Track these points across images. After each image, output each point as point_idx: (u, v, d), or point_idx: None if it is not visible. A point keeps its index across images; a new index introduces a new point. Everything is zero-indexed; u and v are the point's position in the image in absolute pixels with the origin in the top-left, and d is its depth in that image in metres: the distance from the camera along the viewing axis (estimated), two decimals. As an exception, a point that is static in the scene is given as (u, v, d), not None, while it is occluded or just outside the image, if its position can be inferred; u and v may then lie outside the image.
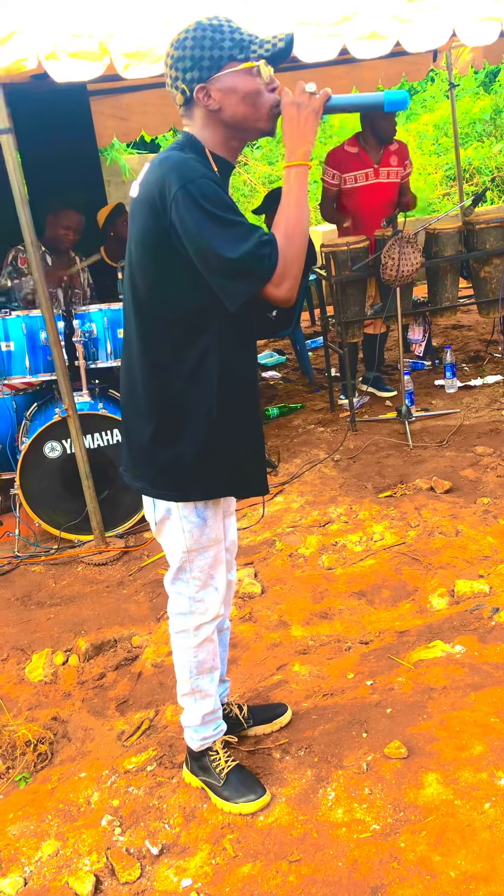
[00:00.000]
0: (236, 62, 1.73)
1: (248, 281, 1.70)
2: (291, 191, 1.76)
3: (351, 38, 3.47)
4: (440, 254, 4.81)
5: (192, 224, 1.66)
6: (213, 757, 2.14)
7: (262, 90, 1.76)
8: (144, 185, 1.76)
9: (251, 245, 1.66)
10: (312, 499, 3.96)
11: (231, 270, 1.68)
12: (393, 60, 6.20)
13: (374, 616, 2.94)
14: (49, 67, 3.14)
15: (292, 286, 1.72)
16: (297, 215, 1.75)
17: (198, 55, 1.72)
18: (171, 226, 1.68)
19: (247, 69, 1.74)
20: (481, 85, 12.75)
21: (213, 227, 1.66)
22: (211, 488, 1.93)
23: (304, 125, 1.76)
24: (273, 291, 1.71)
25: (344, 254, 4.62)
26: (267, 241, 1.69)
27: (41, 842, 2.10)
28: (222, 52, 1.72)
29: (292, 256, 1.72)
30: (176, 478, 1.91)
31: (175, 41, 1.76)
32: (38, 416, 4.04)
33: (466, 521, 3.47)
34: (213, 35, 1.72)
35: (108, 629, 3.10)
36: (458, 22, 3.60)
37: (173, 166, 1.69)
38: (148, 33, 3.19)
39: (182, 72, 1.74)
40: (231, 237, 1.66)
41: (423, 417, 4.82)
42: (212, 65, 1.72)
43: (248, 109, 1.76)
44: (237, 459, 1.94)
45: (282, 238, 1.72)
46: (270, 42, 1.76)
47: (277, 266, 1.70)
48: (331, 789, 2.08)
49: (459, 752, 2.11)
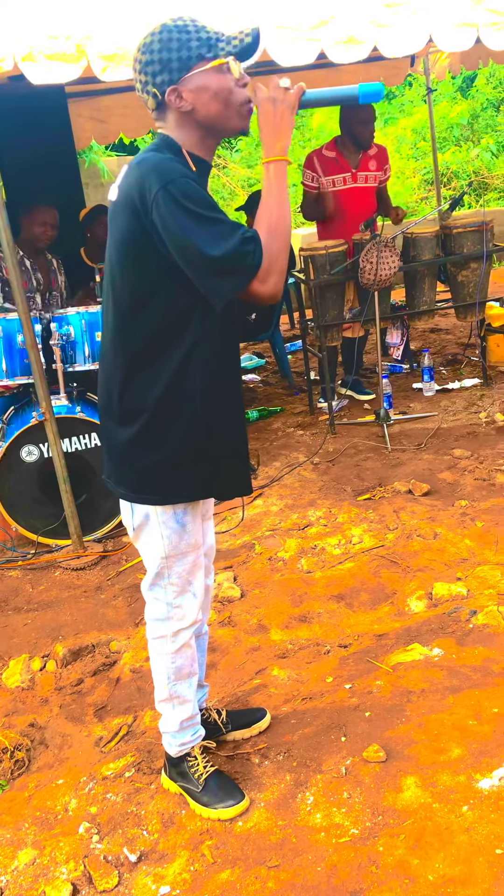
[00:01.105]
0: (205, 61, 1.72)
1: (233, 278, 1.69)
2: (272, 186, 1.76)
3: (329, 43, 3.48)
4: (418, 258, 4.83)
5: (174, 224, 1.64)
6: (191, 762, 2.13)
7: (232, 87, 1.76)
8: (123, 188, 1.75)
9: (235, 242, 1.65)
10: (292, 502, 3.96)
11: (216, 268, 1.67)
12: (371, 65, 6.23)
13: (353, 619, 2.95)
14: (26, 69, 3.12)
15: (278, 282, 1.72)
16: (278, 211, 1.74)
17: (165, 57, 1.71)
18: (153, 226, 1.67)
19: (216, 67, 1.73)
20: (458, 90, 12.85)
21: (196, 225, 1.65)
22: (194, 490, 1.92)
23: (281, 120, 1.76)
24: (259, 288, 1.70)
25: (322, 257, 4.63)
26: (250, 237, 1.68)
27: (17, 850, 2.08)
28: (190, 52, 1.71)
29: (276, 251, 1.71)
30: (157, 481, 1.89)
31: (141, 45, 1.75)
32: (14, 419, 4.01)
33: (444, 524, 3.49)
34: (179, 36, 1.71)
35: (86, 634, 3.08)
36: (435, 28, 3.62)
37: (153, 167, 1.68)
38: (125, 35, 3.18)
39: (151, 76, 1.73)
40: (214, 235, 1.65)
41: (401, 420, 4.84)
42: (181, 66, 1.72)
43: (221, 107, 1.76)
44: (221, 460, 1.93)
45: (265, 234, 1.71)
46: (237, 38, 1.75)
47: (262, 262, 1.69)
48: (310, 794, 2.08)
49: (438, 755, 2.11)
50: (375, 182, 5.02)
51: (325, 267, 4.64)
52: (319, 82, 6.35)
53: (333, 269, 4.61)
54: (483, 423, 4.63)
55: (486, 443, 4.35)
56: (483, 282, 4.91)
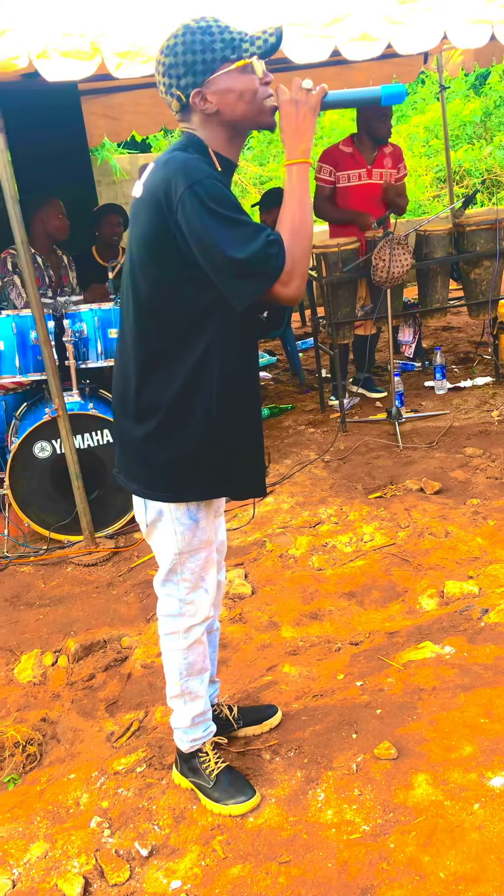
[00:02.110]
0: (229, 62, 1.72)
1: (256, 281, 1.69)
2: (294, 189, 1.76)
3: (343, 40, 3.47)
4: (430, 255, 4.82)
5: (199, 225, 1.65)
6: (202, 758, 2.14)
7: (257, 86, 1.75)
8: (149, 185, 1.75)
9: (259, 245, 1.66)
10: (303, 499, 3.96)
11: (239, 271, 1.67)
12: (384, 62, 6.21)
13: (364, 617, 2.95)
14: (40, 66, 3.13)
15: (300, 284, 1.72)
16: (301, 213, 1.74)
17: (190, 60, 1.71)
18: (177, 226, 1.67)
19: (240, 67, 1.73)
20: (472, 87, 12.80)
21: (221, 227, 1.65)
22: (207, 489, 1.92)
23: (303, 122, 1.76)
24: (281, 290, 1.71)
25: (335, 255, 4.63)
26: (274, 240, 1.68)
27: (30, 843, 2.09)
28: (214, 55, 1.71)
29: (299, 254, 1.71)
30: (171, 478, 1.90)
31: (165, 48, 1.74)
32: (27, 415, 4.03)
33: (456, 523, 3.48)
34: (202, 38, 1.71)
35: (98, 630, 3.10)
36: (450, 24, 3.61)
37: (179, 167, 1.68)
38: (140, 33, 3.18)
39: (176, 78, 1.73)
40: (239, 237, 1.65)
41: (413, 419, 4.83)
42: (205, 68, 1.71)
43: (247, 107, 1.75)
44: (236, 460, 1.93)
45: (288, 237, 1.71)
46: (261, 38, 1.74)
47: (285, 265, 1.69)
48: (320, 790, 2.08)
49: (449, 753, 2.11)
50: (390, 179, 5.01)
51: (337, 264, 4.63)
52: (330, 79, 6.35)
53: (346, 267, 4.61)
54: (495, 422, 4.62)
55: (498, 441, 4.34)
56: (496, 280, 4.90)
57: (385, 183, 4.98)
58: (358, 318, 4.90)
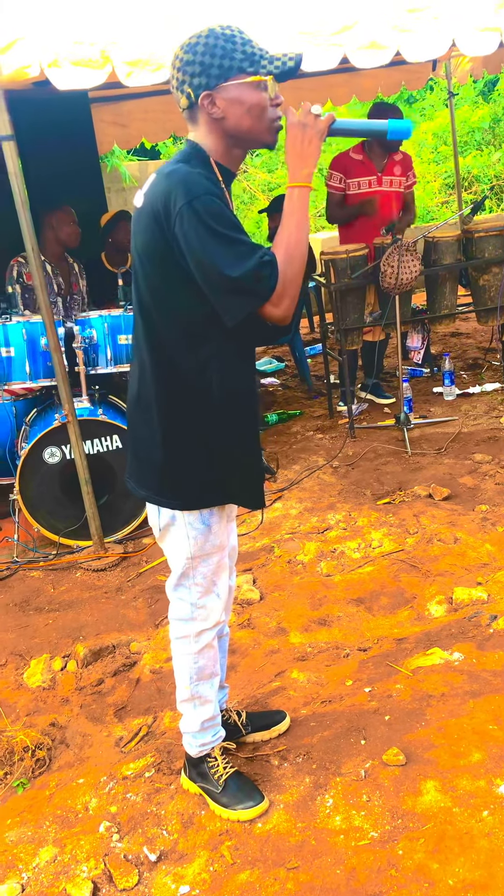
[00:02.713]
0: (245, 74, 1.74)
1: (247, 299, 1.72)
2: (294, 212, 1.78)
3: (351, 48, 3.49)
4: (439, 262, 4.83)
5: (196, 240, 1.67)
6: (211, 763, 2.14)
7: (267, 105, 1.77)
8: (149, 196, 1.77)
9: (253, 264, 1.68)
10: (311, 505, 3.96)
11: (231, 288, 1.70)
12: (392, 69, 6.23)
13: (373, 623, 2.94)
14: (51, 75, 3.15)
15: (290, 306, 1.75)
16: (297, 237, 1.76)
17: (207, 62, 1.73)
18: (174, 239, 1.70)
19: (254, 82, 1.75)
20: (480, 94, 12.81)
21: (216, 244, 1.67)
22: (215, 497, 1.94)
23: (308, 146, 1.78)
24: (271, 311, 1.74)
25: (343, 261, 4.64)
26: (268, 261, 1.71)
27: (39, 848, 2.10)
28: (232, 63, 1.73)
29: (291, 277, 1.74)
30: (181, 486, 1.92)
31: (186, 44, 1.76)
32: (37, 421, 4.05)
33: (465, 529, 3.48)
34: (224, 44, 1.73)
35: (107, 635, 3.10)
36: (458, 32, 3.62)
37: (180, 180, 1.70)
38: (150, 41, 3.21)
39: (189, 76, 1.75)
40: (233, 255, 1.68)
41: (421, 425, 4.83)
42: (220, 73, 1.73)
43: (252, 122, 1.78)
44: (235, 471, 1.95)
45: (282, 258, 1.74)
46: (281, 60, 1.76)
47: (277, 286, 1.71)
48: (329, 796, 2.08)
49: (457, 760, 2.11)
50: (400, 187, 5.03)
51: (346, 271, 4.64)
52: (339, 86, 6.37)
53: (354, 273, 4.61)
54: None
55: (507, 447, 4.33)
56: (504, 286, 4.89)
57: (405, 190, 5.00)
58: (366, 325, 4.91)
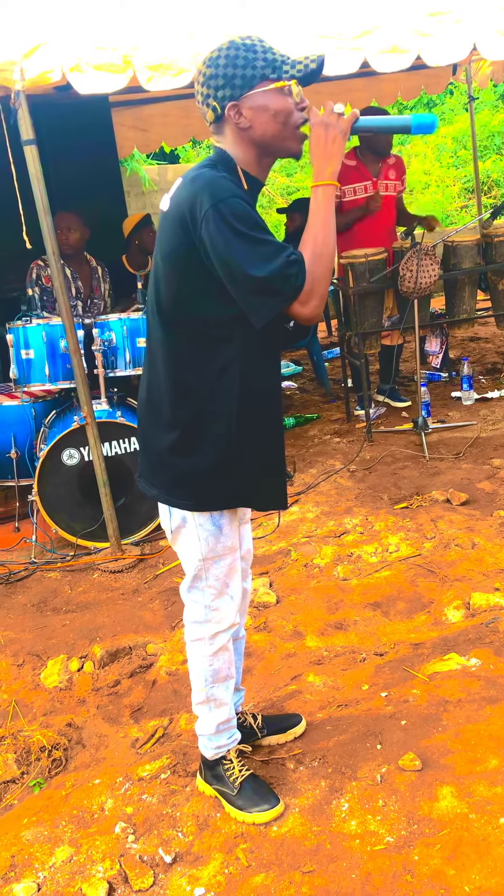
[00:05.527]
0: (268, 81, 1.75)
1: (275, 299, 1.72)
2: (319, 210, 1.78)
3: (372, 52, 3.50)
4: (458, 266, 4.81)
5: (222, 242, 1.67)
6: (226, 766, 2.14)
7: (292, 109, 1.78)
8: (175, 200, 1.78)
9: (279, 264, 1.68)
10: (328, 509, 3.96)
11: (258, 288, 1.70)
12: (412, 73, 6.21)
13: (390, 627, 2.94)
14: (73, 80, 3.18)
15: (318, 305, 1.74)
16: (324, 235, 1.76)
17: (230, 73, 1.74)
18: (201, 242, 1.70)
19: (278, 88, 1.76)
20: (500, 98, 12.76)
21: (243, 245, 1.68)
22: (227, 499, 1.94)
23: (332, 145, 1.78)
24: (300, 310, 1.73)
25: (362, 265, 4.63)
26: (295, 260, 1.71)
27: (55, 847, 2.11)
28: (255, 72, 1.74)
29: (319, 275, 1.73)
30: (192, 487, 1.92)
31: (207, 59, 1.78)
32: (56, 423, 4.08)
33: (483, 534, 3.46)
34: (245, 54, 1.74)
35: (124, 636, 3.11)
36: (479, 36, 3.61)
37: (206, 184, 1.71)
38: (171, 46, 3.23)
39: (214, 89, 1.76)
40: (260, 256, 1.68)
41: (439, 429, 4.81)
42: (244, 83, 1.74)
43: (279, 128, 1.78)
44: (255, 474, 1.95)
45: (309, 257, 1.74)
46: (302, 63, 1.77)
47: (305, 285, 1.71)
48: (344, 801, 2.08)
49: (474, 766, 2.10)
50: (395, 191, 5.02)
51: (364, 275, 4.64)
52: (359, 91, 6.37)
53: (373, 277, 4.61)
54: (523, 433, 4.59)
55: (525, 453, 4.31)
56: (524, 291, 4.87)
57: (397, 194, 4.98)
58: (385, 329, 4.90)
